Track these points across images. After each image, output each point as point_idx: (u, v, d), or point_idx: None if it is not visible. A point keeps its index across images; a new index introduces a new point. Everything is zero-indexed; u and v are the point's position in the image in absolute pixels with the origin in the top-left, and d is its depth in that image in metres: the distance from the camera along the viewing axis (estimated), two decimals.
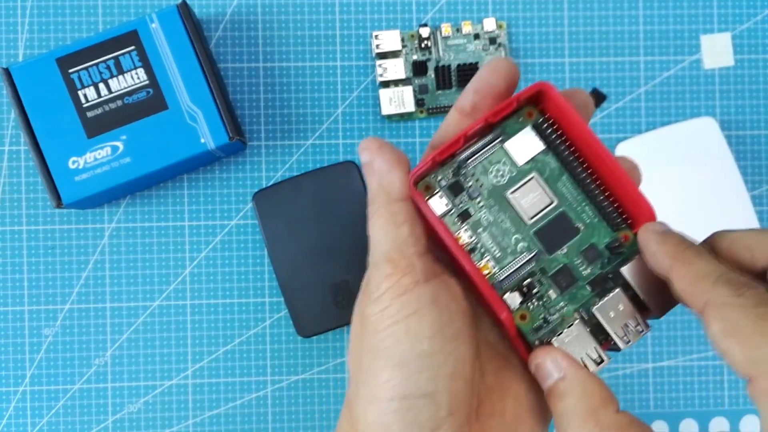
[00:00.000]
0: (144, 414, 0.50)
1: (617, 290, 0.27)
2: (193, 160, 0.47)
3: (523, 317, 0.28)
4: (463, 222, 0.28)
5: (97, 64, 0.46)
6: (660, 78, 0.53)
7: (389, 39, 0.50)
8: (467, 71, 0.51)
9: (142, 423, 0.50)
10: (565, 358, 0.25)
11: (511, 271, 0.28)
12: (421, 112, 0.51)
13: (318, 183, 0.50)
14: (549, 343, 0.27)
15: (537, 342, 0.27)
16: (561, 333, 0.27)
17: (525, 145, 0.28)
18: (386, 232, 0.26)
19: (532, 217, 0.28)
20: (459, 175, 0.28)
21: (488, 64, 0.28)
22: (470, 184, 0.28)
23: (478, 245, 0.28)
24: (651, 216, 0.27)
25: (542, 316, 0.28)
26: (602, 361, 0.26)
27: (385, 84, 0.51)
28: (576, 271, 0.28)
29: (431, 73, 0.51)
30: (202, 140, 0.46)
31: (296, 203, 0.49)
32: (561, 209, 0.28)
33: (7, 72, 0.45)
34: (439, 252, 0.29)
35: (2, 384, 0.50)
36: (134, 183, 0.47)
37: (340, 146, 0.51)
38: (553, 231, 0.28)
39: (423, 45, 0.51)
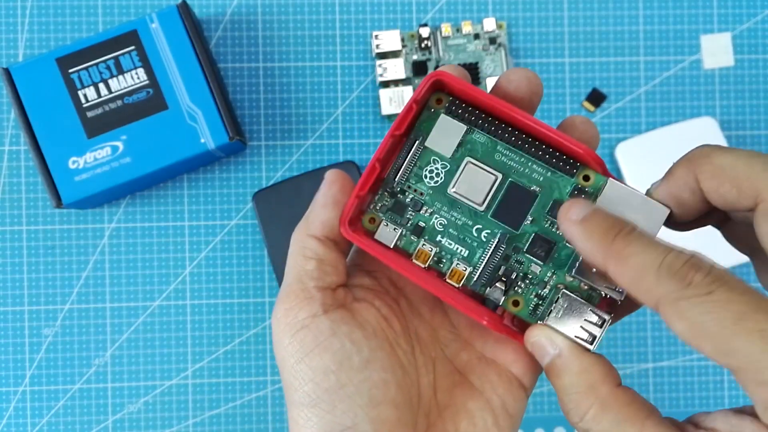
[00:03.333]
0: (144, 414, 0.50)
1: None
2: (193, 160, 0.47)
3: (515, 303, 0.26)
4: (419, 237, 0.27)
5: (97, 64, 0.46)
6: (660, 78, 0.53)
7: (389, 39, 0.50)
8: (467, 71, 0.51)
9: (142, 423, 0.50)
10: (560, 335, 0.25)
11: (483, 264, 0.26)
12: None
13: (318, 183, 0.49)
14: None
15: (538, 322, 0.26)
16: (551, 311, 0.25)
17: (446, 133, 0.27)
18: (294, 262, 0.26)
19: (483, 202, 0.27)
20: (396, 194, 0.27)
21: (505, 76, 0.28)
22: (410, 197, 0.27)
23: (443, 253, 0.27)
24: (590, 155, 0.26)
25: (534, 294, 0.26)
26: (604, 321, 0.25)
27: (385, 84, 0.51)
28: (550, 234, 0.27)
29: None
30: (202, 140, 0.46)
31: (296, 203, 0.49)
32: (510, 180, 0.27)
33: (7, 72, 0.45)
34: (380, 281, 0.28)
35: (2, 384, 0.50)
36: (134, 183, 0.47)
37: (340, 146, 0.51)
38: (511, 205, 0.27)
39: (423, 45, 0.51)
